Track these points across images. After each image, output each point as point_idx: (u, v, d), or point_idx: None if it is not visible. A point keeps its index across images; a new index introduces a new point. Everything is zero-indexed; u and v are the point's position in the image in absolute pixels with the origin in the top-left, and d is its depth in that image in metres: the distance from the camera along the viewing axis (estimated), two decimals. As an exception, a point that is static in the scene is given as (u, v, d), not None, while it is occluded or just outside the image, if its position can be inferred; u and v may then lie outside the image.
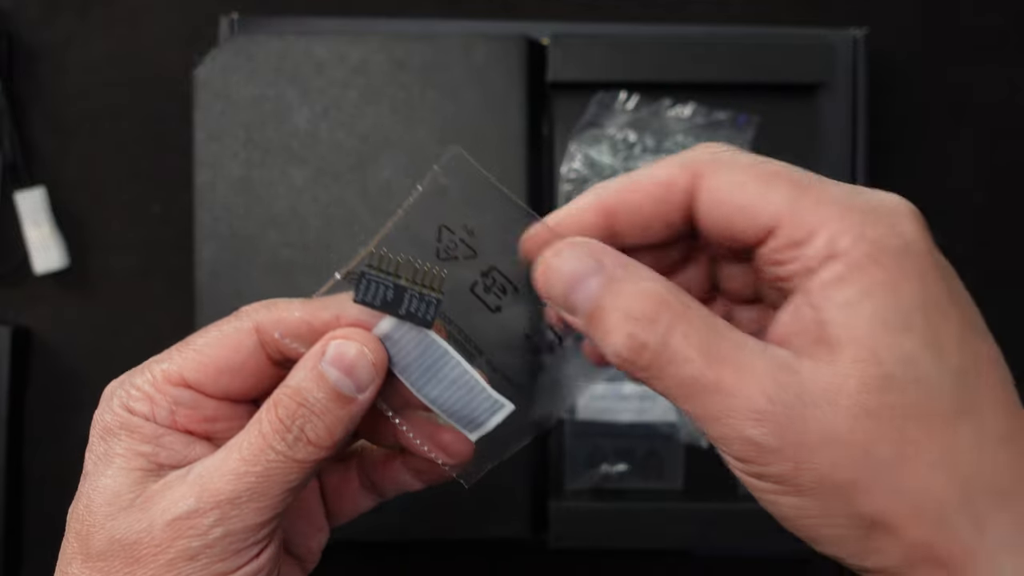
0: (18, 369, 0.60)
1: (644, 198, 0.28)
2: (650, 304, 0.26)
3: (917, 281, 0.26)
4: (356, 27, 0.59)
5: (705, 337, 0.26)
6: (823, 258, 0.26)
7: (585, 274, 0.27)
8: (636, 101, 0.57)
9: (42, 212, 0.61)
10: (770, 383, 0.25)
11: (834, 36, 0.58)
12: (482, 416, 0.32)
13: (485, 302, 0.31)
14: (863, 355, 0.25)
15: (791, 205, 0.26)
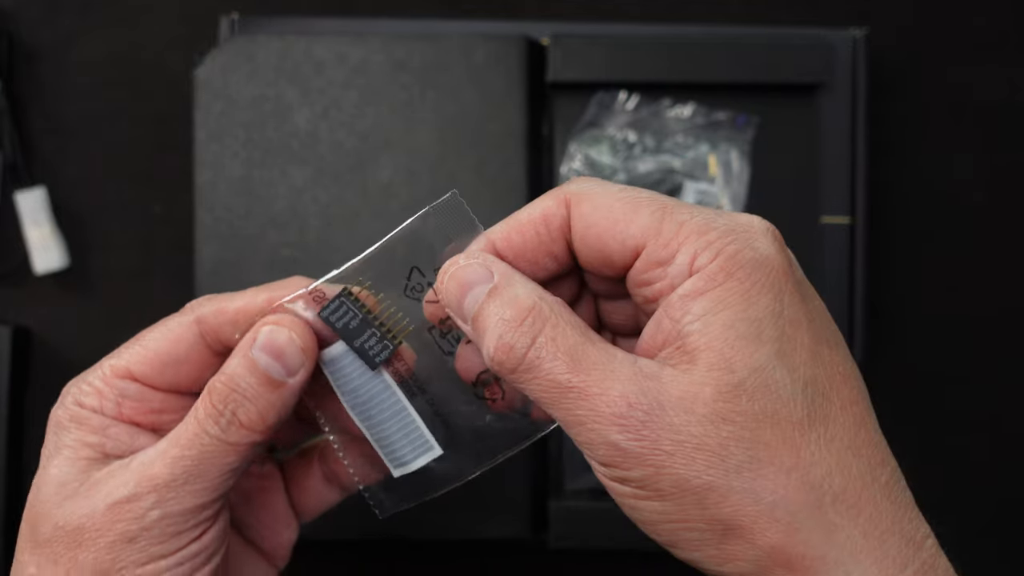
0: (18, 369, 0.60)
1: (528, 235, 0.30)
2: (521, 309, 0.28)
3: (771, 294, 0.27)
4: (356, 27, 0.59)
5: (572, 343, 0.27)
6: (685, 275, 0.27)
7: (475, 282, 0.29)
8: (636, 101, 0.57)
9: (42, 212, 0.61)
10: (633, 389, 0.26)
11: (834, 36, 0.58)
12: (410, 455, 0.32)
13: (439, 345, 0.32)
14: (717, 363, 0.26)
15: (656, 226, 0.28)
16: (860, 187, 0.58)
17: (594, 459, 0.27)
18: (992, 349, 0.63)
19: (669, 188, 0.57)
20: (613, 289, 0.31)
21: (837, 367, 0.28)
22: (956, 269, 0.63)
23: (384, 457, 0.32)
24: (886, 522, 0.27)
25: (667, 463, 0.26)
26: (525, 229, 0.30)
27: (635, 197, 0.28)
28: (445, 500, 0.55)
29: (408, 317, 0.31)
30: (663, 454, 0.26)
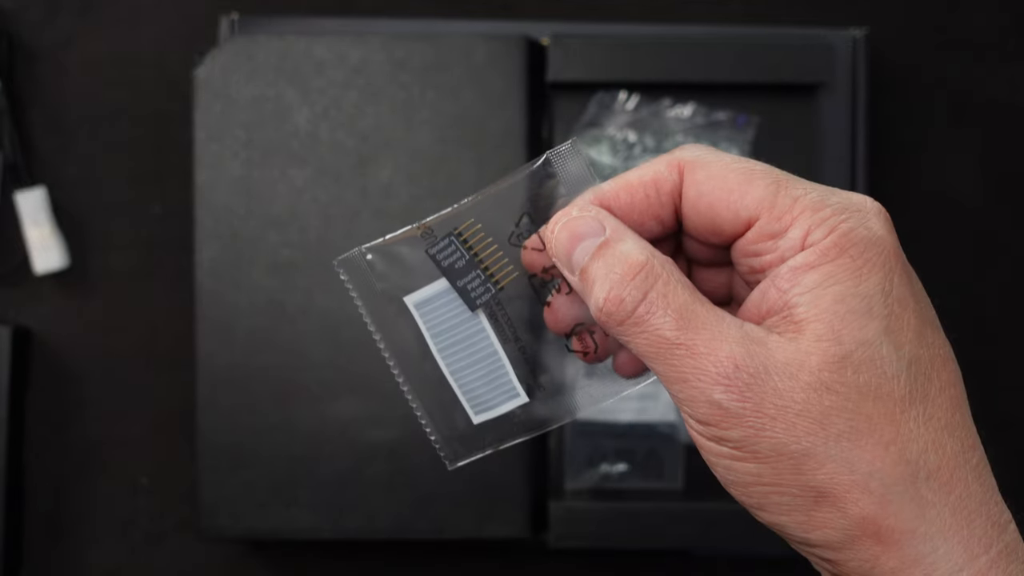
0: (18, 369, 0.60)
1: (637, 196, 0.30)
2: (633, 264, 0.28)
3: (881, 272, 0.28)
4: (356, 27, 0.59)
5: (682, 301, 0.28)
6: (797, 249, 0.28)
7: (587, 234, 0.29)
8: (636, 101, 0.57)
9: (42, 212, 0.61)
10: (740, 351, 0.27)
11: (834, 36, 0.58)
12: (495, 400, 0.32)
13: (539, 294, 0.32)
14: (826, 334, 0.27)
15: (770, 199, 0.28)
16: (860, 186, 0.58)
17: (693, 417, 0.28)
18: (992, 348, 0.63)
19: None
20: (712, 256, 0.32)
21: (939, 349, 0.28)
22: (956, 269, 0.63)
23: (465, 402, 0.32)
24: (974, 503, 0.28)
25: (768, 426, 0.27)
26: (635, 189, 0.30)
27: (750, 168, 0.29)
28: (446, 500, 0.55)
29: (512, 263, 0.31)
30: (765, 417, 0.27)
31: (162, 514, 0.62)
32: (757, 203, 0.28)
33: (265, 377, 0.56)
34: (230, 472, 0.56)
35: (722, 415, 0.27)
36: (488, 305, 0.31)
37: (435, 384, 0.32)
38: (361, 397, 0.56)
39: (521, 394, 0.32)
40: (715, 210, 0.29)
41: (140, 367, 0.62)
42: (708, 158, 0.29)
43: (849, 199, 0.29)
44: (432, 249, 0.31)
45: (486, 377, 0.32)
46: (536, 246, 0.31)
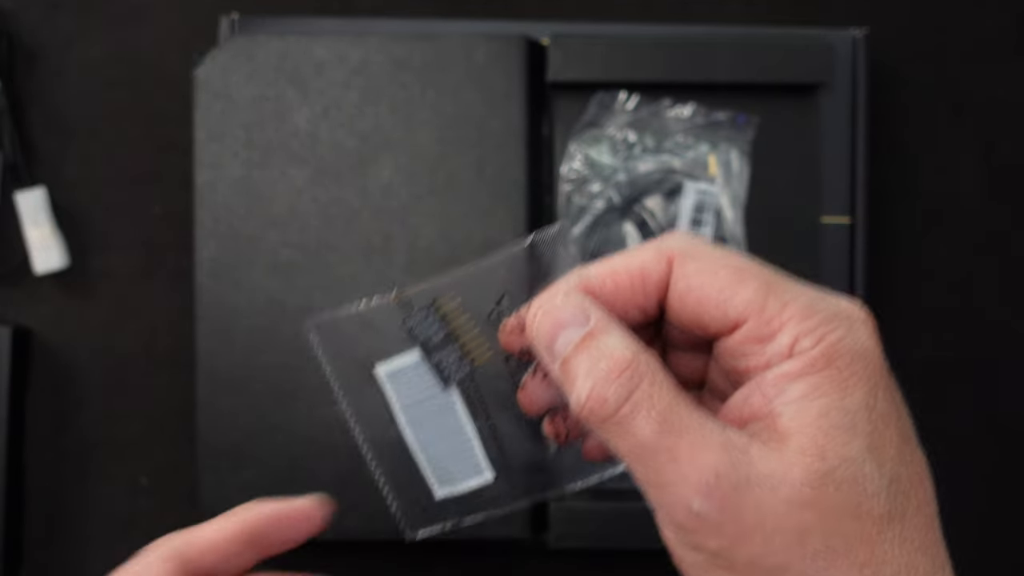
0: (18, 369, 0.60)
1: (622, 285, 0.29)
2: (618, 361, 0.27)
3: (867, 387, 0.27)
4: (356, 27, 0.59)
5: (667, 404, 0.27)
6: (784, 356, 0.27)
7: (570, 323, 0.28)
8: (636, 101, 0.57)
9: (42, 212, 0.61)
10: (723, 460, 0.26)
11: (834, 36, 0.58)
12: (460, 475, 0.32)
13: (513, 375, 0.31)
14: (809, 448, 0.26)
15: (760, 302, 0.28)
16: (860, 187, 0.58)
17: (671, 522, 0.28)
18: (993, 348, 0.63)
19: (669, 188, 0.57)
20: (692, 343, 0.31)
21: (917, 466, 0.28)
22: (956, 268, 0.63)
23: (430, 474, 0.32)
24: None
25: (746, 538, 0.26)
26: (620, 278, 0.29)
27: (740, 267, 0.28)
28: (445, 500, 0.55)
29: (489, 341, 0.30)
30: (744, 529, 0.26)
31: (162, 514, 0.62)
32: (746, 305, 0.28)
33: (265, 377, 0.56)
34: (230, 472, 0.56)
35: (700, 524, 0.27)
36: (462, 382, 0.31)
37: (399, 453, 0.32)
38: (361, 397, 0.55)
39: (486, 472, 0.32)
40: (703, 307, 0.28)
41: (140, 367, 0.62)
42: (699, 251, 0.29)
43: (838, 306, 0.28)
44: (409, 321, 0.30)
45: (453, 452, 0.31)
46: (515, 328, 0.30)
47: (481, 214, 0.56)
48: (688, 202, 0.56)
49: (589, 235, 0.57)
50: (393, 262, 0.56)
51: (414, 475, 0.32)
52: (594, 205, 0.57)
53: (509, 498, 0.33)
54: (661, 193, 0.57)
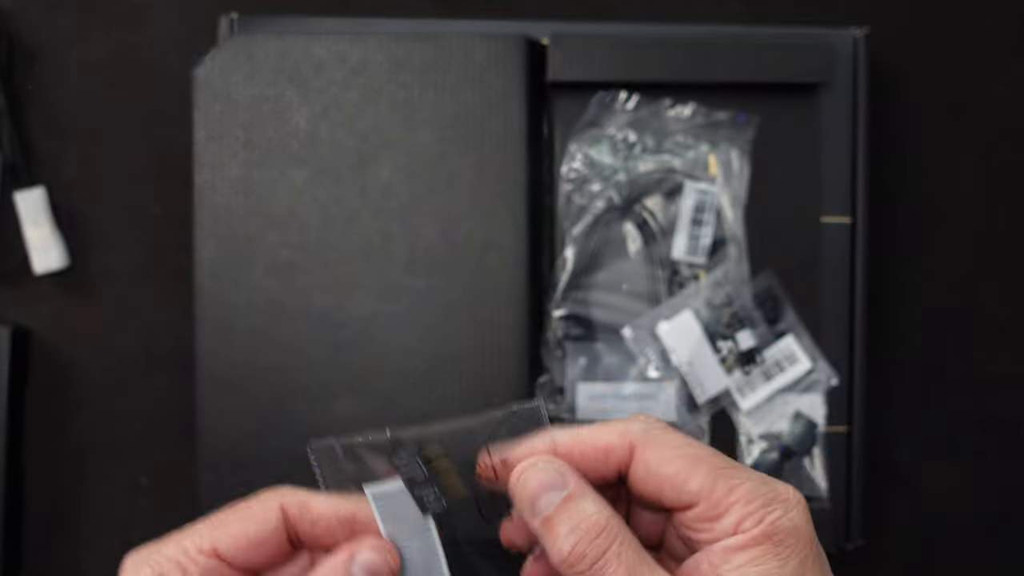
0: (18, 369, 0.60)
1: (588, 457, 0.34)
2: (596, 524, 0.32)
3: (798, 558, 0.32)
4: (356, 27, 0.59)
5: (632, 562, 0.32)
6: (729, 533, 0.32)
7: (552, 486, 0.33)
8: (636, 101, 0.57)
9: (42, 212, 0.61)
10: None
11: (834, 36, 0.58)
12: None
13: (482, 512, 0.36)
14: None
15: (709, 487, 0.32)
16: (860, 187, 0.58)
17: None
18: (994, 347, 0.63)
19: (669, 188, 0.57)
20: (652, 508, 0.36)
21: None
22: (957, 268, 0.63)
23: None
24: None
25: None
26: (586, 450, 0.34)
27: (694, 456, 0.33)
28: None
29: (464, 487, 0.35)
30: None
31: (162, 515, 0.62)
32: (698, 490, 0.32)
33: (265, 377, 0.56)
34: (230, 472, 0.56)
35: None
36: (437, 515, 0.35)
37: None
38: (361, 397, 0.55)
39: None
40: (661, 490, 0.33)
41: (140, 367, 0.62)
42: (657, 440, 0.33)
43: (776, 490, 0.33)
44: (396, 461, 0.34)
45: (425, 565, 0.36)
46: (489, 475, 0.35)
47: (481, 214, 0.56)
48: (688, 202, 0.56)
49: (589, 235, 0.57)
50: (393, 262, 0.56)
51: None
52: (594, 205, 0.57)
53: None
54: (661, 193, 0.57)
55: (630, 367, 0.56)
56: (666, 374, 0.56)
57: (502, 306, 0.56)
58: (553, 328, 0.57)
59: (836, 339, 0.58)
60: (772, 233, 0.58)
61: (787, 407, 0.57)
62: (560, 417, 0.57)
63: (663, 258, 0.57)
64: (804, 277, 0.58)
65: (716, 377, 0.56)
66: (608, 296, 0.57)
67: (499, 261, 0.56)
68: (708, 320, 0.56)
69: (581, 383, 0.56)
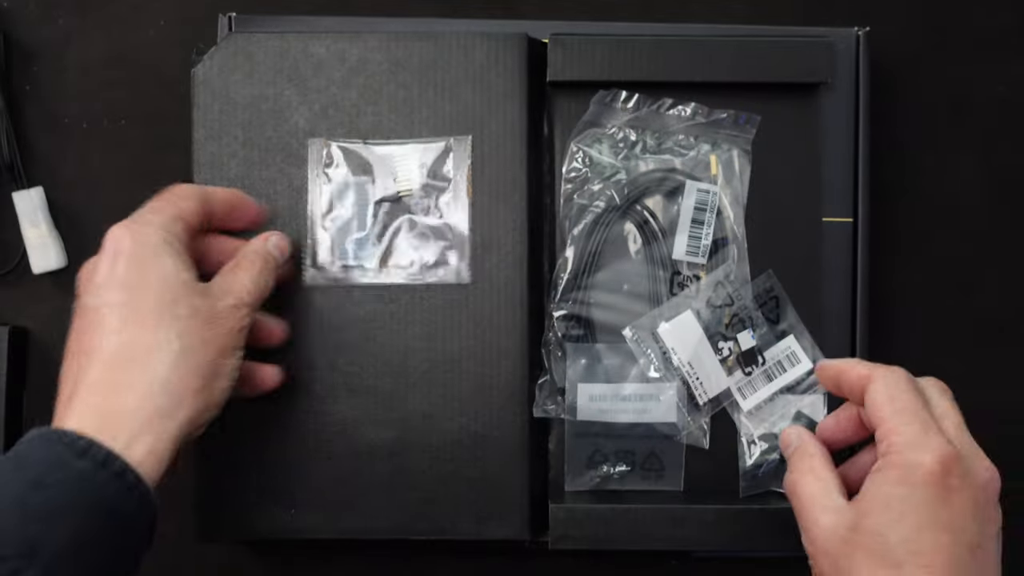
0: (16, 369, 0.60)
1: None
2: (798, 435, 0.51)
3: (907, 488, 0.43)
4: (355, 26, 0.59)
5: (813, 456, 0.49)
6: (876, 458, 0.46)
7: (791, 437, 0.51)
8: (636, 100, 0.57)
9: (40, 212, 0.60)
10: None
11: (835, 35, 0.58)
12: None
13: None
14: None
15: (890, 429, 0.45)
16: (862, 186, 0.58)
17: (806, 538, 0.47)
18: (994, 347, 0.63)
19: (670, 187, 0.57)
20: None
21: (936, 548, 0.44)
22: (958, 268, 0.63)
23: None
24: None
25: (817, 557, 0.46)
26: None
27: (893, 402, 0.47)
28: (446, 500, 0.55)
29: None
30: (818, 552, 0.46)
31: (160, 515, 0.61)
32: (883, 430, 0.46)
33: (264, 377, 0.55)
34: (228, 473, 0.55)
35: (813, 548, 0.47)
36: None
37: None
38: (360, 397, 0.55)
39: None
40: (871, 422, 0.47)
41: (138, 367, 0.62)
42: (878, 384, 0.48)
43: (922, 439, 0.44)
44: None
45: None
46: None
47: (481, 214, 0.56)
48: (689, 202, 0.56)
49: (589, 235, 0.56)
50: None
51: None
52: (595, 205, 0.57)
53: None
54: (662, 193, 0.57)
55: (631, 367, 0.56)
56: (667, 375, 0.56)
57: (502, 306, 0.55)
58: (553, 328, 0.56)
59: (837, 339, 0.58)
60: (773, 233, 0.58)
61: (788, 407, 0.57)
62: (559, 418, 0.57)
63: (664, 258, 0.57)
64: (805, 277, 0.58)
65: (717, 377, 0.56)
66: (608, 296, 0.57)
67: (499, 261, 0.55)
68: (709, 320, 0.56)
69: (581, 383, 0.56)
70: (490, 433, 0.55)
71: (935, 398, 0.46)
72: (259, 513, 0.55)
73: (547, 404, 0.56)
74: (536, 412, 0.55)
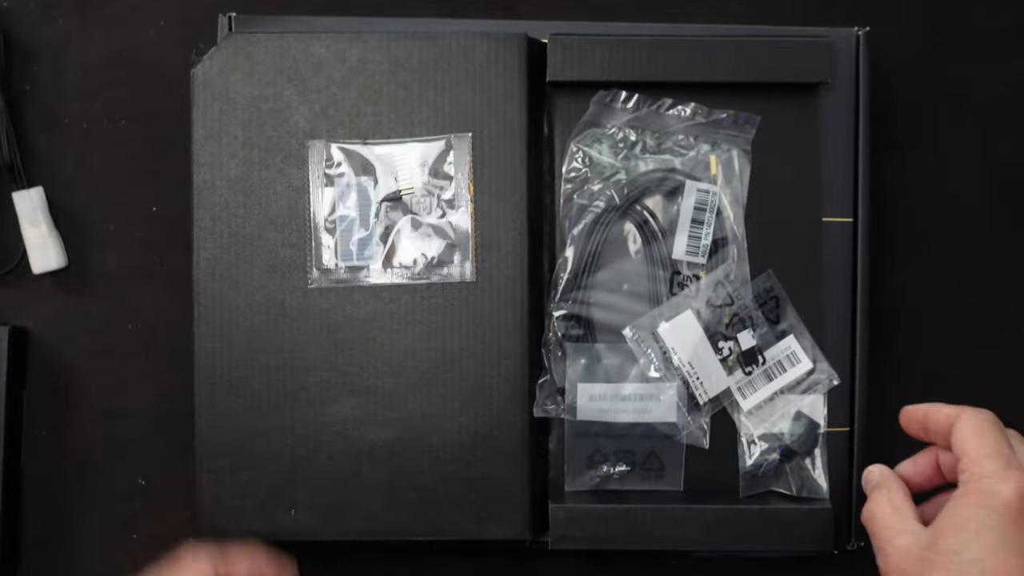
0: (16, 369, 0.60)
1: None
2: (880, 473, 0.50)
3: (985, 511, 0.43)
4: (355, 26, 0.59)
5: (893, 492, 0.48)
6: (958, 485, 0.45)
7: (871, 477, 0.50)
8: (636, 100, 0.57)
9: (40, 212, 0.60)
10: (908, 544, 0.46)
11: (835, 35, 0.58)
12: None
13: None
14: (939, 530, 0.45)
15: (971, 460, 0.46)
16: (862, 186, 0.58)
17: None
18: (995, 347, 0.63)
19: (670, 187, 0.57)
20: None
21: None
22: (958, 267, 0.63)
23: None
24: None
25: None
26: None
27: (980, 435, 0.47)
28: (446, 501, 0.55)
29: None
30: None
31: (161, 515, 0.61)
32: (963, 459, 0.46)
33: (264, 377, 0.56)
34: (229, 473, 0.55)
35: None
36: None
37: None
38: (360, 397, 0.55)
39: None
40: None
41: (139, 367, 0.62)
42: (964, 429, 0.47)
43: (995, 467, 0.45)
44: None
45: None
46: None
47: (481, 214, 0.56)
48: (689, 202, 0.56)
49: (589, 235, 0.56)
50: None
51: None
52: (594, 205, 0.57)
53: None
54: (662, 193, 0.57)
55: (631, 367, 0.56)
56: (667, 374, 0.56)
57: (502, 306, 0.55)
58: (553, 328, 0.56)
59: (837, 339, 0.58)
60: (773, 233, 0.58)
61: (788, 407, 0.57)
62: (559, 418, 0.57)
63: (664, 258, 0.57)
64: (805, 277, 0.58)
65: (717, 377, 0.56)
66: (608, 296, 0.57)
67: (499, 261, 0.55)
68: (709, 320, 0.56)
69: (581, 383, 0.56)
70: (490, 433, 0.55)
71: (1016, 445, 0.48)
72: (259, 513, 0.55)
73: (547, 404, 0.56)
74: (536, 412, 0.55)
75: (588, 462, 0.57)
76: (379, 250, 0.56)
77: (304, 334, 0.56)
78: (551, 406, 0.56)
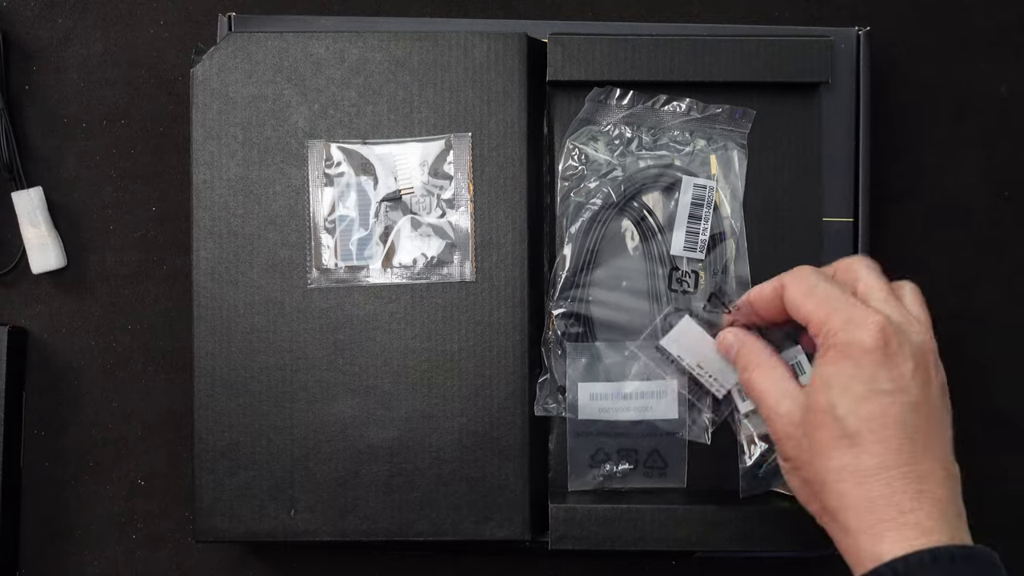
0: (15, 369, 0.60)
1: (765, 302, 0.50)
2: (736, 337, 0.53)
3: (851, 362, 0.45)
4: (355, 25, 0.59)
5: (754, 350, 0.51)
6: (820, 344, 0.47)
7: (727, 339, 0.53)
8: (631, 97, 0.57)
9: (39, 212, 0.60)
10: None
11: (835, 34, 0.58)
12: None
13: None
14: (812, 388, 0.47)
15: (813, 313, 0.47)
16: (862, 186, 0.58)
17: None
18: (994, 347, 0.63)
19: (667, 184, 0.57)
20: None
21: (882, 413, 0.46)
22: (957, 268, 0.63)
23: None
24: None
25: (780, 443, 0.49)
26: (762, 299, 0.51)
27: (815, 291, 0.47)
28: (446, 501, 0.55)
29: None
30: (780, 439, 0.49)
31: (159, 516, 0.61)
32: (806, 315, 0.48)
33: (263, 378, 0.55)
34: (228, 473, 0.55)
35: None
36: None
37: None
38: (360, 398, 0.55)
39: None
40: (797, 316, 0.48)
41: (138, 367, 0.62)
42: (796, 279, 0.49)
43: (850, 314, 0.45)
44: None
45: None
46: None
47: (481, 214, 0.55)
48: (686, 197, 0.56)
49: (587, 232, 0.56)
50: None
51: None
52: (591, 202, 0.56)
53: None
54: (659, 189, 0.57)
55: (631, 365, 0.56)
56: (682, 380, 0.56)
57: (502, 305, 0.55)
58: (553, 326, 0.56)
59: (837, 338, 0.57)
60: (773, 233, 0.58)
61: (788, 406, 0.57)
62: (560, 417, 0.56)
63: (662, 254, 0.56)
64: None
65: (729, 368, 0.55)
66: (607, 293, 0.57)
67: (499, 261, 0.55)
68: (710, 316, 0.56)
69: (582, 383, 0.56)
70: (490, 433, 0.55)
71: (863, 276, 0.48)
72: (259, 513, 0.55)
73: (548, 402, 0.56)
74: (537, 410, 0.55)
75: (591, 461, 0.57)
76: (379, 250, 0.56)
77: (304, 334, 0.55)
78: (552, 404, 0.56)
